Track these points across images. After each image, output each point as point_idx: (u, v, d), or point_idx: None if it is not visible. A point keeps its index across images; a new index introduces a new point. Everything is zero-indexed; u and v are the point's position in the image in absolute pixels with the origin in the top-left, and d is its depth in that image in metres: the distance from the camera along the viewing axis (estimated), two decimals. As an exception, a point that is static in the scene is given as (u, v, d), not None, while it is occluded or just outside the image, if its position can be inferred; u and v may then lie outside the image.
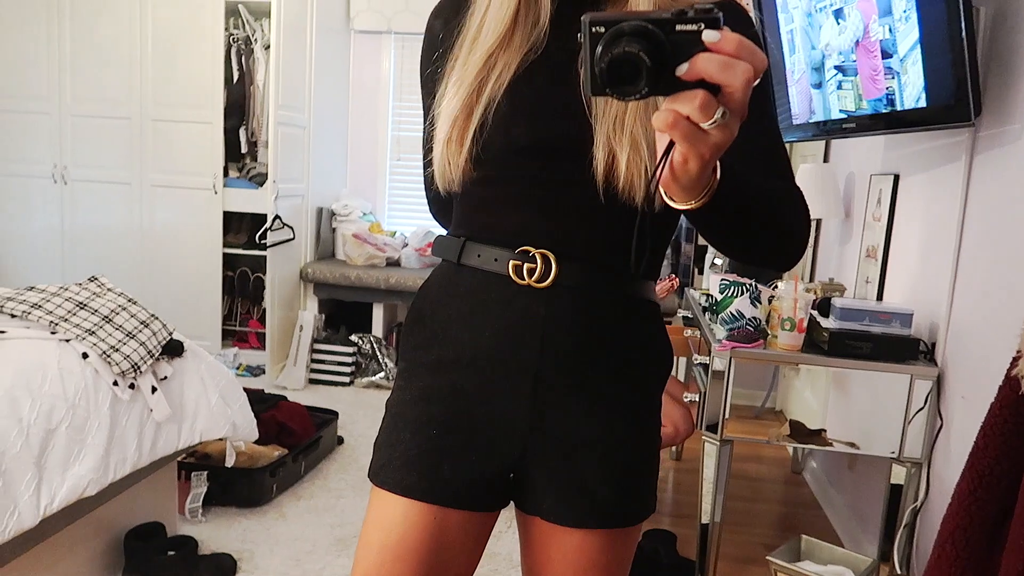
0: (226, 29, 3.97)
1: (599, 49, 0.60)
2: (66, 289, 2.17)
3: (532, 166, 0.90)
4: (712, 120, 0.60)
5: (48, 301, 2.09)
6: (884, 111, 2.05)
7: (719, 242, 0.85)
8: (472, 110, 0.89)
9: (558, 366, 0.90)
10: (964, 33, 1.73)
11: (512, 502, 0.98)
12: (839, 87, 2.23)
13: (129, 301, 2.25)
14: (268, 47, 4.04)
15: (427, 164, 0.99)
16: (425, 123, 1.01)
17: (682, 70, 0.59)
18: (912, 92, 1.92)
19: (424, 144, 1.03)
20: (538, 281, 0.89)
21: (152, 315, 2.25)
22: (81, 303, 2.13)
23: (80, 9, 4.01)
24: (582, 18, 0.61)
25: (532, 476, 0.93)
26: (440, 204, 1.07)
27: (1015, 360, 0.93)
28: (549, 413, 0.91)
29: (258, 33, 4.09)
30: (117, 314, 2.17)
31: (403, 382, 1.00)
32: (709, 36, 0.58)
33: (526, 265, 0.89)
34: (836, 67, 2.22)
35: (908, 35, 1.89)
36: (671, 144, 0.64)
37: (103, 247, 4.16)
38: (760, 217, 0.81)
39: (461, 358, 0.93)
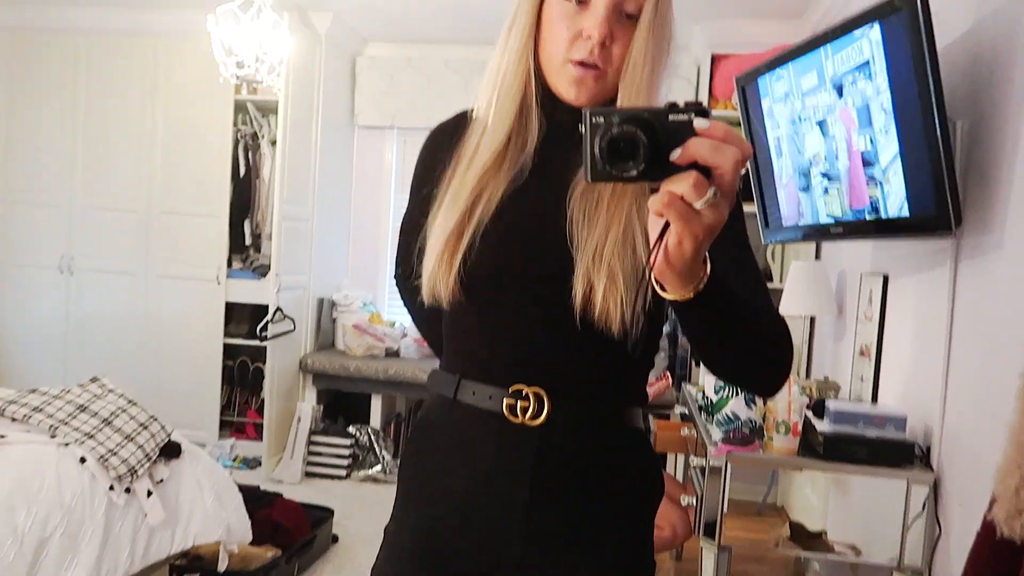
0: (234, 124, 4.11)
1: (598, 136, 0.67)
2: (68, 391, 2.20)
3: (518, 296, 0.93)
4: (704, 199, 0.65)
5: (49, 404, 2.11)
6: (870, 218, 2.11)
7: (709, 347, 0.87)
8: (463, 231, 0.93)
9: (550, 501, 0.92)
10: (941, 146, 1.80)
11: None
12: (825, 192, 2.30)
13: (129, 402, 2.27)
14: (274, 142, 4.17)
15: (408, 276, 1.03)
16: (400, 236, 1.08)
17: (676, 155, 0.65)
18: (895, 201, 1.98)
19: (398, 252, 1.09)
20: (531, 419, 0.92)
21: (151, 416, 2.27)
22: (82, 405, 2.15)
23: (94, 108, 4.16)
24: (583, 110, 0.68)
25: None
26: (421, 313, 1.10)
27: (991, 503, 0.94)
28: (541, 548, 0.92)
29: (265, 128, 4.23)
30: (117, 416, 2.18)
31: (400, 512, 1.02)
32: (700, 123, 0.66)
33: (519, 403, 0.92)
34: (822, 174, 2.30)
35: (888, 147, 1.97)
36: (665, 227, 0.68)
37: (106, 335, 4.20)
38: (747, 324, 0.84)
39: (456, 492, 0.95)
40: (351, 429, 4.06)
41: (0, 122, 4.25)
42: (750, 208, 3.44)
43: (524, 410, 0.92)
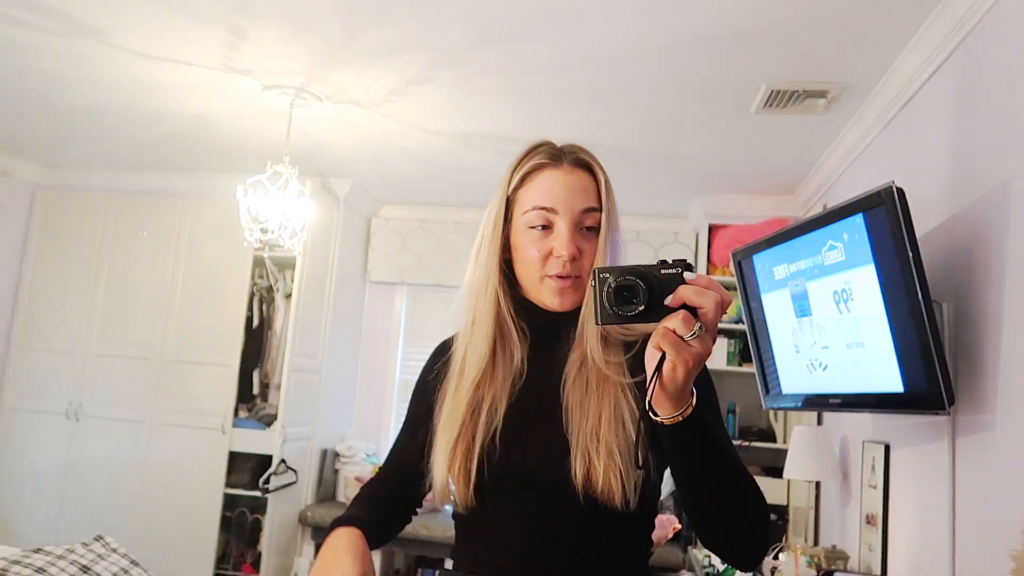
0: (251, 278, 4.28)
1: (605, 288, 0.84)
2: (72, 551, 2.19)
3: (524, 495, 1.01)
4: (692, 332, 0.80)
5: (53, 565, 2.10)
6: (867, 392, 2.18)
7: (695, 484, 0.91)
8: (468, 444, 1.03)
9: None
10: (928, 325, 1.90)
11: None
12: (824, 368, 2.38)
13: (132, 563, 2.25)
14: (289, 295, 4.32)
15: (382, 480, 1.17)
16: (400, 434, 1.20)
17: (669, 299, 0.81)
18: (890, 379, 2.06)
19: (395, 447, 1.20)
20: None
21: (152, 578, 2.24)
22: (85, 567, 2.13)
23: (117, 261, 4.35)
24: (594, 268, 0.86)
25: None
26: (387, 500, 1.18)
27: None
28: None
29: (280, 283, 4.39)
30: (118, 578, 2.16)
31: None
32: (688, 275, 0.83)
33: None
34: (820, 349, 2.40)
35: (880, 327, 2.07)
36: (662, 359, 0.81)
37: (106, 482, 4.17)
38: (725, 461, 0.91)
39: None
40: (348, 589, 3.93)
41: (27, 274, 4.43)
42: (751, 368, 3.52)
43: None
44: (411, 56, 2.63)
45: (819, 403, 2.47)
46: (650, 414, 0.85)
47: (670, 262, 0.83)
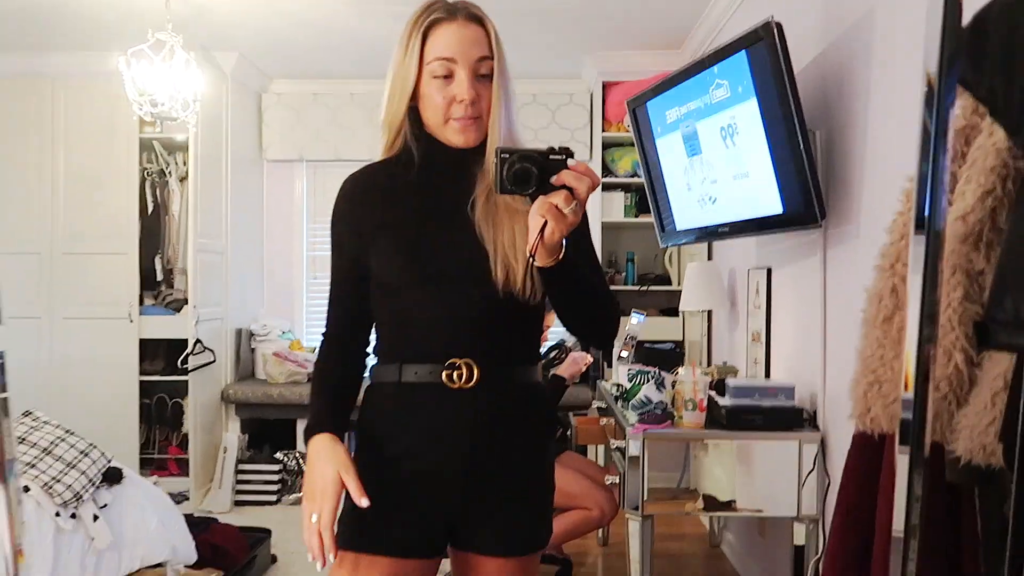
0: (139, 163, 4.12)
1: (505, 167, 1.06)
2: None
3: (448, 288, 1.21)
4: (570, 207, 1.05)
5: (-13, 437, 2.12)
6: (751, 217, 2.42)
7: (563, 303, 1.20)
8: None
9: (485, 441, 1.20)
10: (804, 151, 2.12)
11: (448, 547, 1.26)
12: (713, 202, 2.60)
13: (67, 432, 2.30)
14: (183, 179, 4.20)
15: (346, 341, 1.30)
16: (331, 273, 1.31)
17: (554, 179, 1.05)
18: (771, 203, 2.29)
19: (336, 314, 1.31)
20: (465, 383, 1.18)
21: (91, 444, 2.30)
22: (21, 437, 2.17)
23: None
24: (496, 148, 1.08)
25: (467, 522, 1.22)
26: (340, 338, 1.31)
27: (857, 424, 1.20)
28: (479, 473, 1.20)
29: (172, 166, 4.25)
30: (56, 445, 2.22)
31: (360, 471, 1.20)
32: (571, 162, 1.06)
33: (455, 372, 1.18)
34: (708, 182, 2.60)
35: (762, 156, 2.28)
36: (544, 224, 1.05)
37: (12, 382, 4.06)
38: (587, 286, 1.20)
39: (411, 447, 1.21)
40: (278, 455, 4.09)
41: None
42: (647, 219, 3.75)
43: (460, 377, 1.18)
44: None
45: (710, 234, 2.71)
46: (531, 260, 1.10)
47: (557, 149, 1.06)
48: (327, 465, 1.16)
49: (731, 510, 2.36)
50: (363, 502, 1.13)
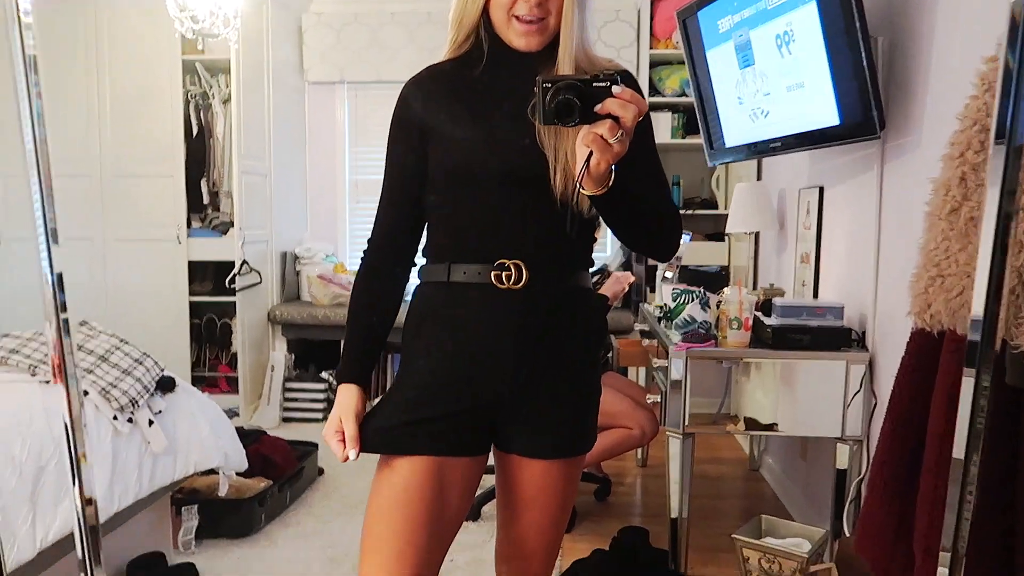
0: (183, 85, 4.12)
1: (548, 97, 1.00)
2: (41, 334, 2.27)
3: (501, 190, 1.18)
4: (616, 137, 0.99)
5: (25, 346, 2.19)
6: (805, 131, 2.32)
7: (617, 225, 1.17)
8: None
9: (533, 341, 1.19)
10: (865, 60, 2.01)
11: (493, 448, 1.27)
12: (765, 116, 2.50)
13: (122, 341, 2.36)
14: (226, 101, 4.19)
15: (398, 251, 1.28)
16: (385, 178, 1.28)
17: (598, 107, 0.99)
18: (827, 114, 2.19)
19: (384, 194, 1.28)
20: (514, 284, 1.17)
21: (144, 353, 2.37)
22: (78, 345, 2.23)
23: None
24: (537, 78, 1.01)
25: (511, 423, 1.22)
26: (388, 246, 1.29)
27: (916, 321, 1.15)
28: (525, 374, 1.19)
29: (215, 88, 4.25)
30: (112, 353, 2.28)
31: (402, 373, 1.23)
32: (616, 89, 0.99)
33: (504, 274, 1.17)
34: (761, 95, 2.50)
35: (819, 67, 2.17)
36: (590, 154, 1.01)
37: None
38: (643, 210, 1.17)
39: (460, 343, 1.20)
40: (323, 375, 4.19)
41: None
42: (694, 140, 3.64)
43: (508, 278, 1.17)
44: None
45: (761, 150, 2.62)
46: (580, 189, 1.07)
47: (602, 76, 1.00)
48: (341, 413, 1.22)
49: (773, 431, 2.34)
50: (351, 454, 1.18)
